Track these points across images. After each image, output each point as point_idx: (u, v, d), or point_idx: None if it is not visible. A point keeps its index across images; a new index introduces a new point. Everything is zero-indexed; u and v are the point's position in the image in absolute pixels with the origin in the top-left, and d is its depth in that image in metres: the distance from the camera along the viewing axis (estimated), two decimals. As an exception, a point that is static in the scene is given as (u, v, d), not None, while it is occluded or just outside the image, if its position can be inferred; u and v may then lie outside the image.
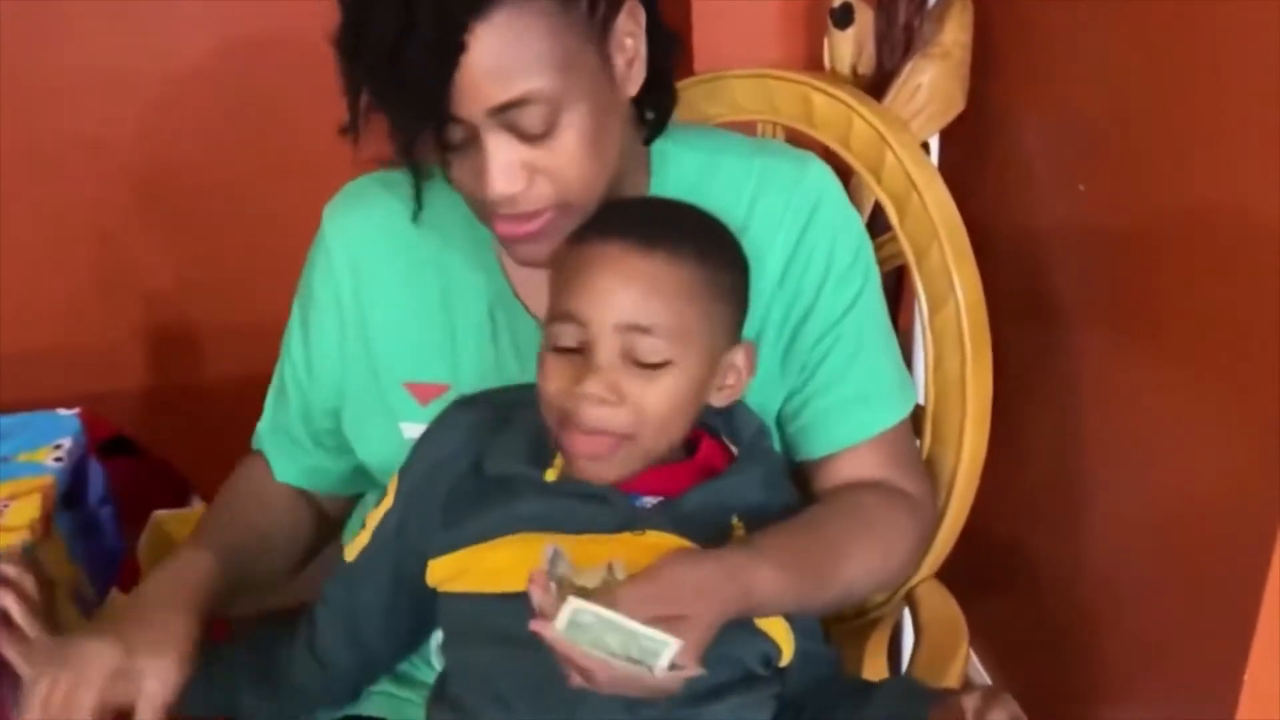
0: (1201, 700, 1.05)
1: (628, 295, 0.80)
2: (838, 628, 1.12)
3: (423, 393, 0.96)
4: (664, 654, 0.72)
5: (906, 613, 1.16)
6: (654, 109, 0.92)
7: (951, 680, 1.08)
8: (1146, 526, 1.16)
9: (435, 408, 0.94)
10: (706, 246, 0.85)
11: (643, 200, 0.91)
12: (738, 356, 0.87)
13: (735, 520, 0.86)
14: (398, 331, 0.96)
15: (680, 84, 1.20)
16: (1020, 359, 1.26)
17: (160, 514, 1.33)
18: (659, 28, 0.88)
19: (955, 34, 1.27)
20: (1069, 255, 1.23)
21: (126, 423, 1.39)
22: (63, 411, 1.25)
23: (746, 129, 1.19)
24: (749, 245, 0.90)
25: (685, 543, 0.81)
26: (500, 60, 0.76)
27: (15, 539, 1.07)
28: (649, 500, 0.84)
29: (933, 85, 1.28)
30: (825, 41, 1.36)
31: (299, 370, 1.01)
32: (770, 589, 0.80)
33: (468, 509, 0.86)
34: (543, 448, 0.86)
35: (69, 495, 1.19)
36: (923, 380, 1.12)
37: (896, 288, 1.24)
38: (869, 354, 0.96)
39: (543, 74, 0.78)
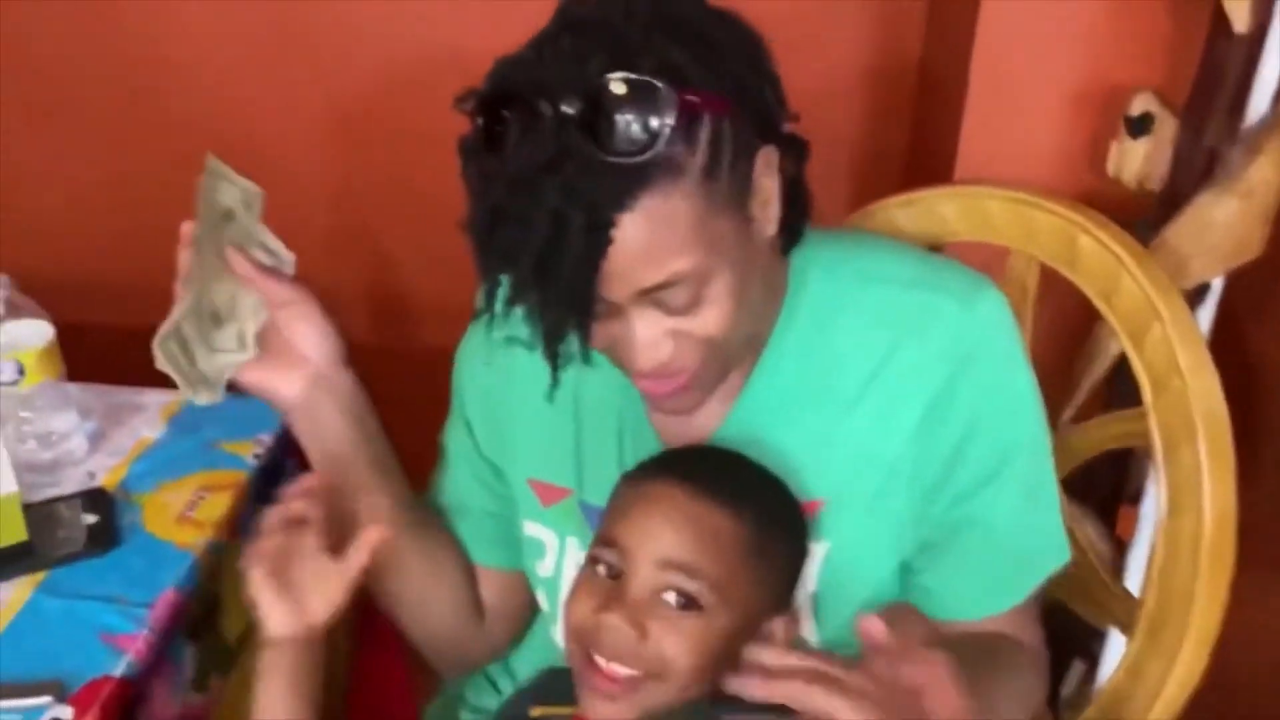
0: None
1: (673, 533, 0.77)
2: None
3: (546, 493, 0.94)
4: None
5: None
6: (789, 224, 0.82)
7: None
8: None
9: (557, 512, 0.93)
10: (765, 509, 0.81)
11: (713, 451, 0.87)
12: (776, 625, 0.81)
13: None
14: (529, 426, 0.94)
15: (930, 192, 1.11)
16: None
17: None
18: (792, 143, 0.80)
19: (1266, 172, 1.11)
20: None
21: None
22: (270, 403, 1.28)
23: (999, 257, 1.08)
24: (882, 389, 0.84)
25: None
26: (648, 246, 0.72)
27: (201, 536, 1.11)
28: None
29: (1228, 225, 1.13)
30: (1113, 146, 1.22)
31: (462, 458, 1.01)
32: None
33: None
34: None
35: (262, 492, 1.22)
36: (1144, 566, 1.01)
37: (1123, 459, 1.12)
38: (1004, 534, 0.87)
39: (688, 254, 0.73)
